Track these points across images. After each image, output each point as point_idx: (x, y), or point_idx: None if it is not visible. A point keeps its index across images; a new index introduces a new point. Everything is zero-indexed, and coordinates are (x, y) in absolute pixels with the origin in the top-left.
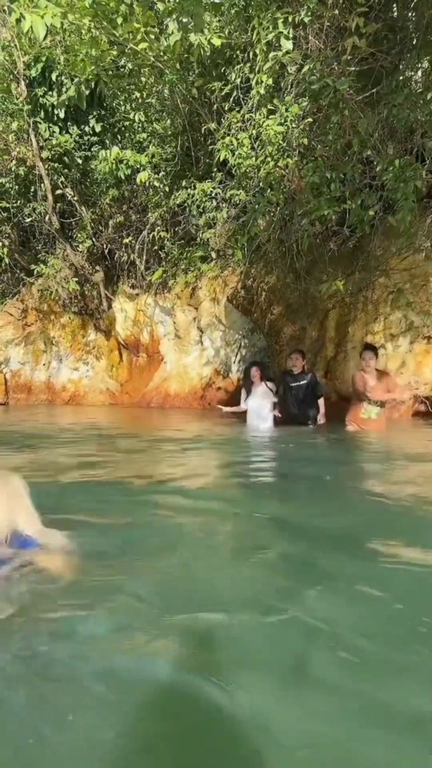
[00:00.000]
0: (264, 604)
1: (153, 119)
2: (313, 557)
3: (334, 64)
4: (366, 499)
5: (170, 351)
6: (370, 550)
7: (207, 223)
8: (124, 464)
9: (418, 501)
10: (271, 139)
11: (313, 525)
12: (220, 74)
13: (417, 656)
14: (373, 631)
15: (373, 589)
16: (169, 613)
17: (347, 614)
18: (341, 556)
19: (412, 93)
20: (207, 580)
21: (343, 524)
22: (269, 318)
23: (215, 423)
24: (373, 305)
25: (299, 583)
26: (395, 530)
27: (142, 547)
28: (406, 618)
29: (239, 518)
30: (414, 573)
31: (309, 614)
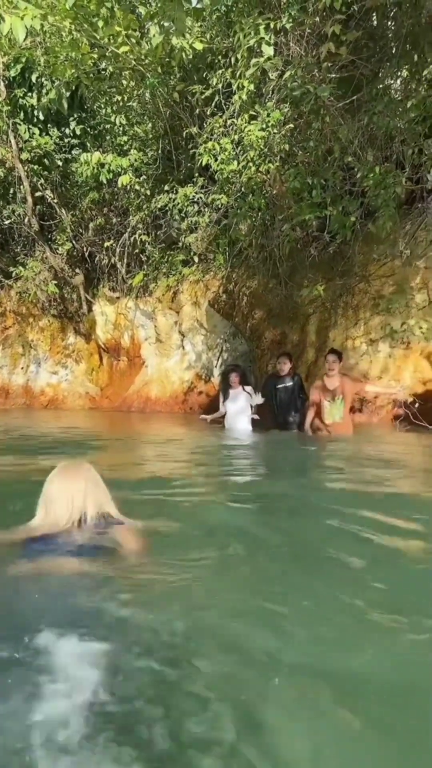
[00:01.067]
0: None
1: (134, 122)
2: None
3: (315, 70)
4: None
5: (151, 355)
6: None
7: (189, 227)
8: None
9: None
10: (253, 144)
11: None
12: (201, 78)
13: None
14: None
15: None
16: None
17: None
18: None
19: (392, 101)
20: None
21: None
22: (251, 322)
23: (195, 427)
24: (354, 310)
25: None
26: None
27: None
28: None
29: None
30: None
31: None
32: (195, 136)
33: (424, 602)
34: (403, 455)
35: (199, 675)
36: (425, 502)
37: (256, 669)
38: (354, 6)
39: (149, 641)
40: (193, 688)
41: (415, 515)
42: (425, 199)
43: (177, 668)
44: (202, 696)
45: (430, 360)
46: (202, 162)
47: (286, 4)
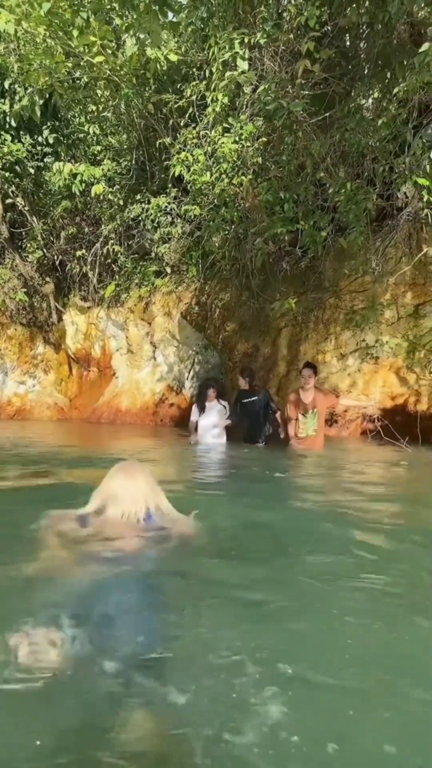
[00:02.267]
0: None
1: (108, 132)
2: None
3: (288, 86)
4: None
5: (122, 366)
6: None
7: (162, 237)
8: (53, 477)
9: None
10: (226, 156)
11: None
12: (176, 90)
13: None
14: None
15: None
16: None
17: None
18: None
19: (363, 119)
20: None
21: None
22: (223, 335)
23: (166, 440)
24: (324, 325)
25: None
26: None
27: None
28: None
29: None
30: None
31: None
32: (168, 146)
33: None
34: (377, 472)
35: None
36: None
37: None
38: (327, 26)
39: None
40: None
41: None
42: (395, 216)
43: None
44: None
45: (399, 375)
46: (174, 172)
47: (261, 20)
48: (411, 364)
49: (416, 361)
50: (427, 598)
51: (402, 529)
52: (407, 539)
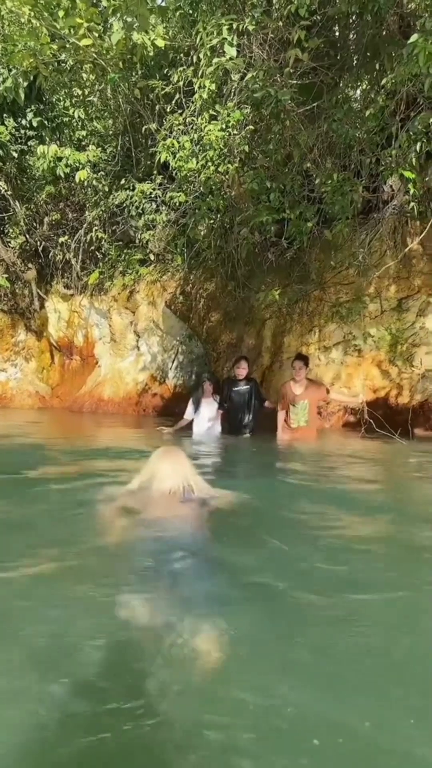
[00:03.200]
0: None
1: (93, 117)
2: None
3: (276, 75)
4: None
5: (105, 355)
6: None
7: (146, 224)
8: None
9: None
10: (212, 143)
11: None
12: (163, 76)
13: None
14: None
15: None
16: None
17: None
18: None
19: (351, 110)
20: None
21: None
22: (207, 325)
23: (151, 431)
24: (309, 317)
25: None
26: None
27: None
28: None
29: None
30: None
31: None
32: (154, 132)
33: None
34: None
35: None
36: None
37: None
38: (317, 15)
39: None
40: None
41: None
42: (381, 209)
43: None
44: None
45: (381, 368)
46: (160, 159)
47: (251, 6)
48: (393, 357)
49: (398, 355)
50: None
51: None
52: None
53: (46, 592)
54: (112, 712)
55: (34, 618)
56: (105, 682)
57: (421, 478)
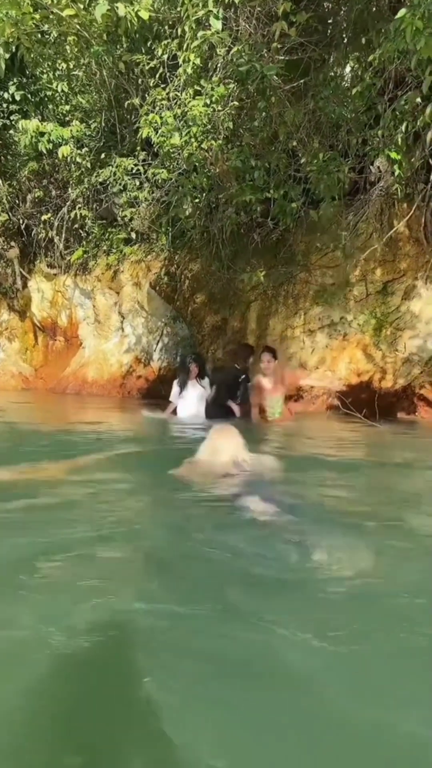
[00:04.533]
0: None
1: (77, 92)
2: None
3: (263, 50)
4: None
5: (89, 336)
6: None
7: (128, 201)
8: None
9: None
10: (196, 119)
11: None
12: (148, 50)
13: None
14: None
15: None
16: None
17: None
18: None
19: (338, 87)
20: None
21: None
22: (192, 306)
23: (136, 413)
24: (294, 299)
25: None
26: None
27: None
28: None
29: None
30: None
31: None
32: (138, 107)
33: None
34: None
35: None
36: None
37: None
38: None
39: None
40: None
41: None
42: (368, 191)
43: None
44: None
45: (366, 352)
46: (142, 134)
47: None
48: (378, 341)
49: (383, 339)
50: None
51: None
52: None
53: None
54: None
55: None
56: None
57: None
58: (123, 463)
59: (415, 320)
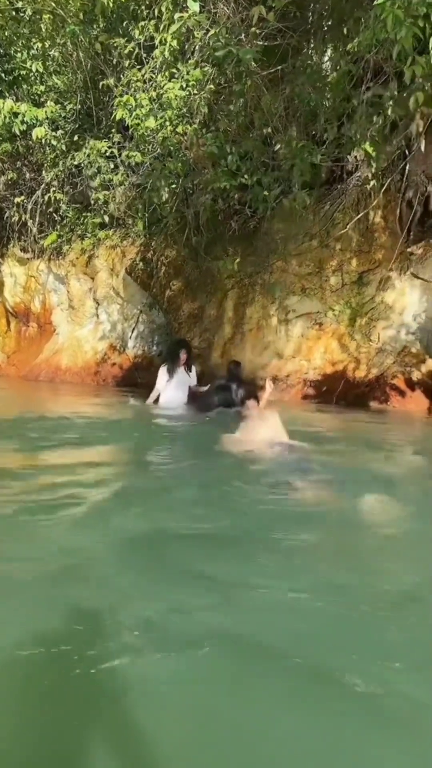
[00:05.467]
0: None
1: (53, 72)
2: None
3: (241, 35)
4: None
5: (63, 322)
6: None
7: (102, 184)
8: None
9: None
10: (171, 102)
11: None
12: (125, 30)
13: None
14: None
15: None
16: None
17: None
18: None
19: (314, 74)
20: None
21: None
22: (168, 293)
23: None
24: (279, 289)
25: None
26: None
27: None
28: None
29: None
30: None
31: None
32: (113, 88)
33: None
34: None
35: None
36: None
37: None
38: None
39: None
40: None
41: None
42: (345, 180)
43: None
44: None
45: (341, 342)
46: (116, 116)
47: None
48: (352, 331)
49: (357, 329)
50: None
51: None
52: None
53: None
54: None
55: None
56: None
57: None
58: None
59: (389, 311)
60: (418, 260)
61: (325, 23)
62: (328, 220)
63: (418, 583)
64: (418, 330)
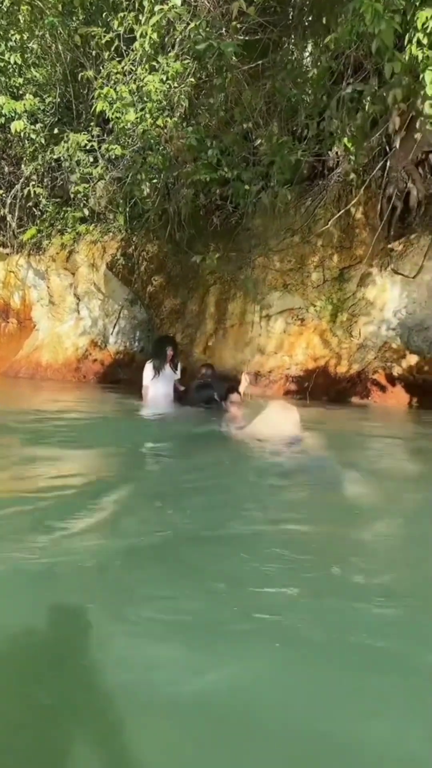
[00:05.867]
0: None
1: (31, 64)
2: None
3: (222, 28)
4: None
5: (43, 318)
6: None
7: (82, 177)
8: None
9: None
10: (151, 95)
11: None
12: (104, 22)
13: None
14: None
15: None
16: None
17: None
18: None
19: (294, 69)
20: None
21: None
22: (150, 289)
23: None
24: (253, 284)
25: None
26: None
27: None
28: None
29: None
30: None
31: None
32: (92, 81)
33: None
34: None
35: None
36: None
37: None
38: None
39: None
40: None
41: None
42: (326, 176)
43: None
44: None
45: (323, 338)
46: (96, 108)
47: None
48: (334, 327)
49: (339, 325)
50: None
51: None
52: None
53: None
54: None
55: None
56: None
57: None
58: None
59: (369, 307)
60: (398, 256)
61: (306, 18)
62: (309, 216)
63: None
64: (398, 326)
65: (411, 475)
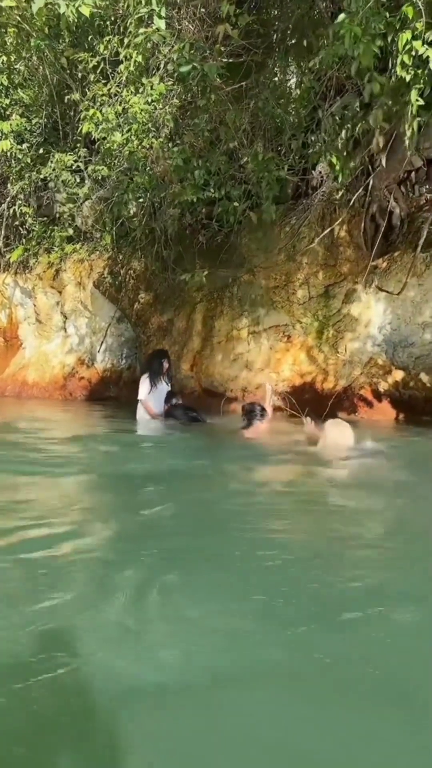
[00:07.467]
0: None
1: (18, 85)
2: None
3: (206, 51)
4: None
5: (30, 336)
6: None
7: (69, 197)
8: None
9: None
10: (137, 117)
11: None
12: (91, 46)
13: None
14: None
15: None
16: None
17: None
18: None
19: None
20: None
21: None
22: (137, 307)
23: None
24: (239, 301)
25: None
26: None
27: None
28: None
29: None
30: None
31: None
32: (78, 103)
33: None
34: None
35: None
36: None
37: None
38: None
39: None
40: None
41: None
42: (310, 196)
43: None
44: None
45: (309, 354)
46: (82, 129)
47: None
48: (320, 344)
49: (325, 341)
50: None
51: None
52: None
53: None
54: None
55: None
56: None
57: None
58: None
59: (355, 323)
60: (382, 273)
61: (289, 40)
62: (294, 235)
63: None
64: (383, 342)
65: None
